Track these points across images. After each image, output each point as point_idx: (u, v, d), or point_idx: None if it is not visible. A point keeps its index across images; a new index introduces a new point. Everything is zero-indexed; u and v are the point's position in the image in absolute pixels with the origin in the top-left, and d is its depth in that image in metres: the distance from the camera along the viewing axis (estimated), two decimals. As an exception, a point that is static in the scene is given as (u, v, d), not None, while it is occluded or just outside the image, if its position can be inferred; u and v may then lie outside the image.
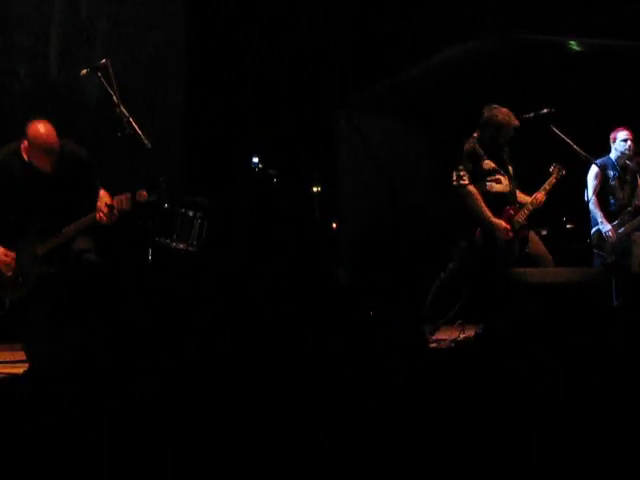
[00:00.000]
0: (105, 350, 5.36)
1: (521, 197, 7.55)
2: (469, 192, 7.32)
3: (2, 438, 3.14)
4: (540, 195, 7.46)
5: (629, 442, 3.16)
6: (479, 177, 7.39)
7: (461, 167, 7.36)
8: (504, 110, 7.43)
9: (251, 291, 7.03)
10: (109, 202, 6.20)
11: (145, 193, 6.29)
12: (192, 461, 3.10)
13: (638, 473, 3.01)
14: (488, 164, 7.41)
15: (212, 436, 3.29)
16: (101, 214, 6.18)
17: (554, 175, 7.51)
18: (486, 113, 7.47)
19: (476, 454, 3.30)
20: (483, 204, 7.32)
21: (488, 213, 7.31)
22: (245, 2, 10.47)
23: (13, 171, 6.29)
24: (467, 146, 7.43)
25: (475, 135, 7.46)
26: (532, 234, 7.49)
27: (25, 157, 6.23)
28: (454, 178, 7.37)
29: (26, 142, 6.19)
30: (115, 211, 6.19)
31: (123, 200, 6.16)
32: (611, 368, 4.09)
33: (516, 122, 7.42)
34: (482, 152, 7.41)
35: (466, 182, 7.31)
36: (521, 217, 7.37)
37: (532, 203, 7.43)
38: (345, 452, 3.25)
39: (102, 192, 6.48)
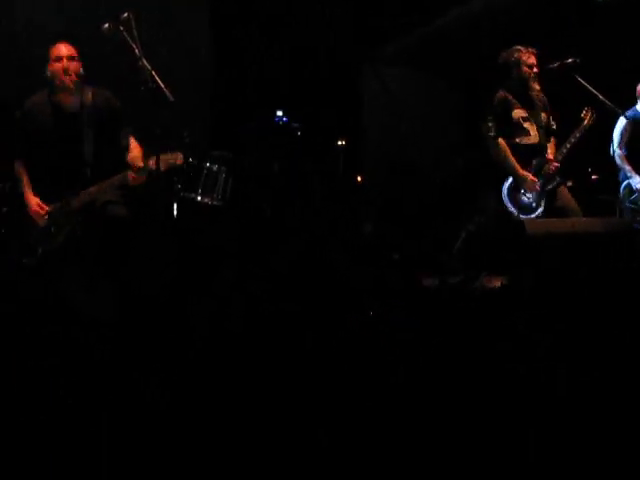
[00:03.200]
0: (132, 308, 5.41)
1: (549, 152, 7.49)
2: (497, 144, 7.28)
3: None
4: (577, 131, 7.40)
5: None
6: (509, 127, 7.35)
7: (490, 118, 7.32)
8: (519, 46, 7.41)
9: (276, 248, 7.04)
10: (140, 164, 6.24)
11: (181, 156, 6.30)
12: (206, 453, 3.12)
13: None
14: (518, 113, 7.36)
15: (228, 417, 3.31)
16: (133, 175, 6.24)
17: (587, 120, 7.44)
18: (503, 55, 7.45)
19: (499, 406, 3.32)
20: (510, 156, 7.28)
21: (516, 165, 7.28)
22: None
23: (40, 115, 6.45)
24: (498, 95, 7.39)
25: (503, 87, 7.41)
26: (561, 187, 7.43)
27: (50, 95, 6.42)
28: (483, 129, 7.33)
29: (48, 66, 6.42)
30: (146, 172, 6.23)
31: (160, 162, 6.17)
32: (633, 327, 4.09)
33: (533, 50, 7.38)
34: (513, 100, 7.37)
35: (492, 133, 7.27)
36: (556, 160, 7.31)
37: (569, 142, 7.36)
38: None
39: (133, 144, 6.52)
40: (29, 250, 6.30)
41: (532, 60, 7.39)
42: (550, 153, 7.45)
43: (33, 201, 6.36)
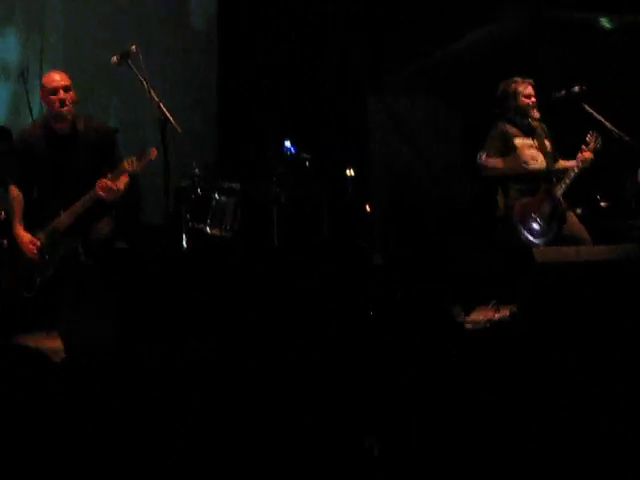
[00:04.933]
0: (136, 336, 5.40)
1: (563, 164, 7.47)
2: (486, 163, 7.28)
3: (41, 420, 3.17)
4: (586, 154, 7.38)
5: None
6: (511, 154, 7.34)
7: (487, 147, 7.33)
8: (515, 78, 7.43)
9: (285, 276, 7.04)
10: (108, 177, 6.16)
11: (155, 150, 6.11)
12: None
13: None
14: (520, 141, 7.35)
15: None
16: (100, 191, 6.13)
17: (592, 143, 7.41)
18: (501, 86, 7.48)
19: (513, 434, 3.30)
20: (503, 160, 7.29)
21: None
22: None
23: (35, 144, 6.38)
24: (496, 128, 7.39)
25: (501, 115, 7.42)
26: (570, 214, 7.41)
27: (44, 124, 6.39)
28: (478, 157, 7.33)
29: (42, 96, 6.38)
30: (115, 186, 6.14)
31: (135, 162, 6.10)
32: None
33: (530, 80, 7.40)
34: (514, 130, 7.37)
35: (481, 160, 7.28)
36: (559, 190, 7.31)
37: (576, 167, 7.35)
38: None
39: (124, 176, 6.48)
40: (28, 282, 6.28)
41: (529, 90, 7.39)
42: (563, 164, 7.44)
43: (26, 238, 6.27)
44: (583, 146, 7.39)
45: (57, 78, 6.32)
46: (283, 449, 3.18)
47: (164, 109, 6.04)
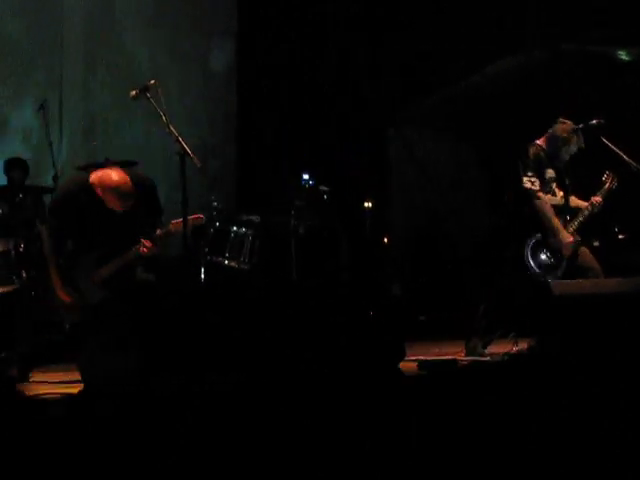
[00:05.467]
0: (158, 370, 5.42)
1: (575, 202, 7.46)
2: (541, 199, 7.20)
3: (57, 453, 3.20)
4: (597, 198, 7.36)
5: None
6: (541, 185, 7.30)
7: (530, 173, 7.23)
8: (573, 127, 7.36)
9: (304, 308, 7.05)
10: (154, 234, 6.23)
11: (202, 216, 6.33)
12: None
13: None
14: (550, 173, 7.33)
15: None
16: (143, 248, 6.20)
17: (608, 184, 7.41)
18: (556, 126, 7.41)
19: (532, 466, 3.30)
20: (553, 213, 7.22)
21: (559, 225, 7.23)
22: (293, 21, 10.56)
23: (81, 204, 6.30)
24: (533, 150, 7.32)
25: (539, 142, 7.38)
26: (582, 247, 7.39)
27: (97, 192, 6.24)
28: (525, 183, 7.23)
29: (99, 187, 6.18)
30: (159, 241, 6.24)
31: (176, 227, 6.16)
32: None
33: (581, 142, 7.35)
34: (546, 159, 7.33)
35: (537, 188, 7.20)
36: (571, 228, 7.30)
37: (586, 209, 7.34)
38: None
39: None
40: (56, 326, 6.30)
41: (575, 149, 7.37)
42: (576, 203, 7.43)
43: (65, 290, 6.28)
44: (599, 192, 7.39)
45: (127, 187, 6.17)
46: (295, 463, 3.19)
47: (183, 143, 6.06)
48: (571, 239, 7.21)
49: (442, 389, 4.30)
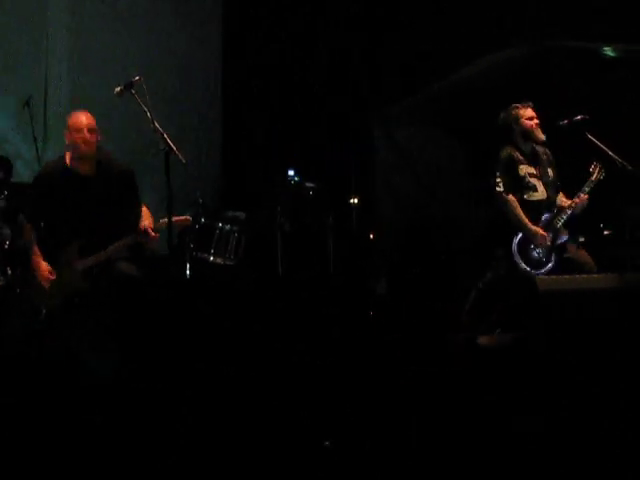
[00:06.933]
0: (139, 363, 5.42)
1: (563, 201, 7.49)
2: (506, 199, 7.30)
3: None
4: (582, 197, 7.39)
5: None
6: (517, 184, 7.35)
7: (498, 173, 7.34)
8: (515, 104, 7.48)
9: (290, 304, 7.05)
10: (150, 226, 6.30)
11: (189, 218, 6.45)
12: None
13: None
14: (524, 169, 7.37)
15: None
16: (142, 238, 6.32)
17: (595, 174, 7.43)
18: (502, 115, 7.52)
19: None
20: (520, 211, 7.28)
21: (526, 220, 7.28)
22: (280, 16, 10.55)
23: (55, 181, 6.45)
24: (503, 153, 7.42)
25: (509, 143, 7.45)
26: (570, 245, 7.41)
27: (67, 162, 6.45)
28: (492, 185, 7.35)
29: (66, 134, 6.42)
30: (155, 235, 6.28)
31: (165, 224, 6.20)
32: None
33: (529, 103, 7.45)
34: (519, 157, 7.39)
35: (501, 189, 7.30)
36: (557, 223, 7.32)
37: (570, 207, 7.37)
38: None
39: (144, 210, 6.56)
40: (36, 312, 6.31)
41: (530, 113, 7.45)
42: (564, 201, 7.45)
43: (43, 266, 6.36)
44: (585, 185, 7.40)
45: (82, 119, 6.42)
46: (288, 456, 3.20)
47: (167, 139, 6.06)
48: (540, 232, 7.25)
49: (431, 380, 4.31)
